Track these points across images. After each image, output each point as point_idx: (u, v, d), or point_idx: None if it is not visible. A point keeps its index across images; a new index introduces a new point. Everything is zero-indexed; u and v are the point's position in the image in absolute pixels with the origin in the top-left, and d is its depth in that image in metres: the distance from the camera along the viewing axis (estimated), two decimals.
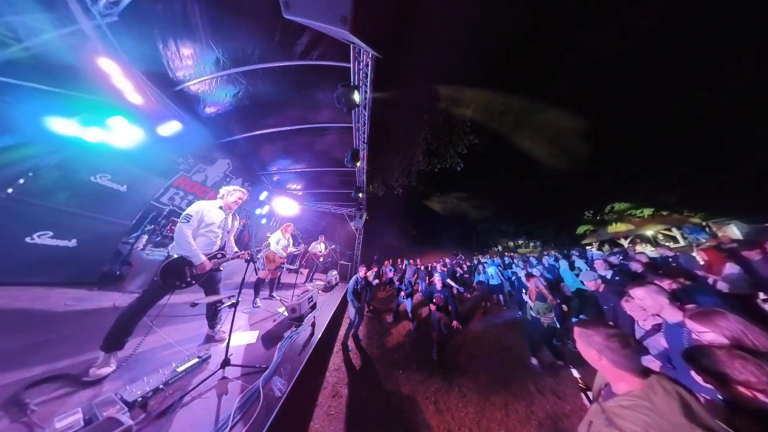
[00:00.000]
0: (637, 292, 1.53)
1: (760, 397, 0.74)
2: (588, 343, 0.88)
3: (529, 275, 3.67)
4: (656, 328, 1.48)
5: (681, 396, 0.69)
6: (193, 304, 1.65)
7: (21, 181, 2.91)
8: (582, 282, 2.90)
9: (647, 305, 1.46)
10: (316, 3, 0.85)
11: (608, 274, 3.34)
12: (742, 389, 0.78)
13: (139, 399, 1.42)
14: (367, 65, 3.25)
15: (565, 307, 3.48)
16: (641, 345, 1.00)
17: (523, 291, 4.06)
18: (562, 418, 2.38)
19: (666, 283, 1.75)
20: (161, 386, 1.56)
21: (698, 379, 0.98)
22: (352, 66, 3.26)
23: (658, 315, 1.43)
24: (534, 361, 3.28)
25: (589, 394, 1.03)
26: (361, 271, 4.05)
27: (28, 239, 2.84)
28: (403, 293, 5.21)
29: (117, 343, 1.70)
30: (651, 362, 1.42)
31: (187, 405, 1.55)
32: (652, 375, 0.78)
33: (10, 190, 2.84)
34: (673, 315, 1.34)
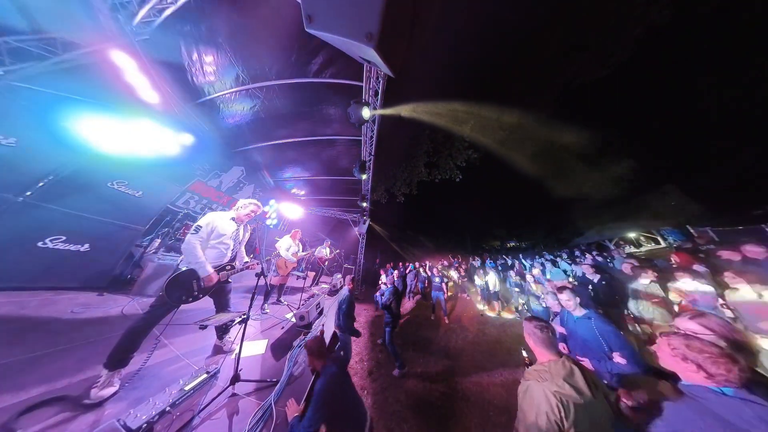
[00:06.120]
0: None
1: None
2: (525, 330, 1.22)
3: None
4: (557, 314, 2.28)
5: (572, 366, 1.02)
6: (202, 327, 1.45)
7: (41, 184, 2.76)
8: None
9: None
10: (341, 18, 0.76)
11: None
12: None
13: (144, 425, 1.21)
14: (378, 82, 3.18)
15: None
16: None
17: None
18: None
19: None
20: (168, 408, 1.35)
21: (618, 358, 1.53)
22: (364, 84, 3.20)
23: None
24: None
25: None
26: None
27: (40, 244, 2.63)
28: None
29: (122, 360, 1.49)
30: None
31: (196, 429, 1.35)
32: (563, 355, 1.08)
33: (29, 193, 2.68)
34: (578, 312, 1.91)
